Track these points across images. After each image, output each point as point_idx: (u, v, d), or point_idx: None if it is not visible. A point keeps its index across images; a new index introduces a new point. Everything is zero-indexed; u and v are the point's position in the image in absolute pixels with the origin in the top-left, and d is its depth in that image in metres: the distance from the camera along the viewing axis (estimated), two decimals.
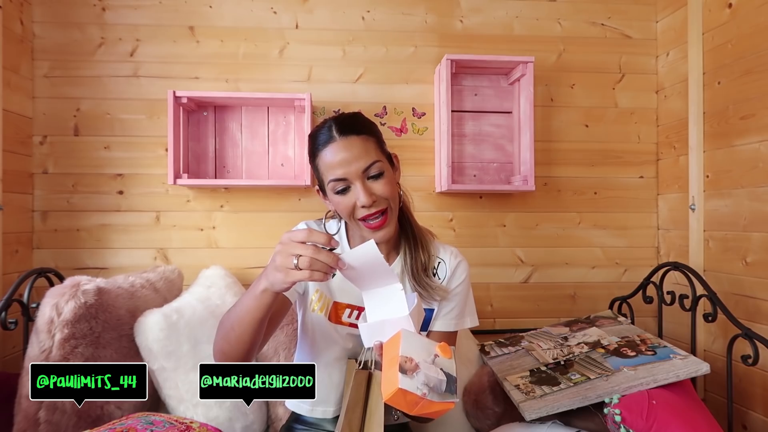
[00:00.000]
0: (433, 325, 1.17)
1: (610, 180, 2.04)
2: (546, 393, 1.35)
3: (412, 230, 1.17)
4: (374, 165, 1.03)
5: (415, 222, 1.19)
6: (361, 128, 1.05)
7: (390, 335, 0.86)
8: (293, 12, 1.93)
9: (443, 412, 0.79)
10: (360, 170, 1.02)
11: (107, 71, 1.87)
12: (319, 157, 1.05)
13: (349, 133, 1.03)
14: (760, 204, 1.56)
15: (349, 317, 1.15)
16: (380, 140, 1.09)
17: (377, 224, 1.05)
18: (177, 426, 1.01)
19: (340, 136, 1.03)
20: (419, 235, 1.17)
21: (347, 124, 1.05)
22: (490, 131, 1.98)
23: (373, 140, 1.06)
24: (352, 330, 1.15)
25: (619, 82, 2.04)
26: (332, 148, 1.03)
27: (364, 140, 1.04)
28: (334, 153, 1.02)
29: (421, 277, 1.12)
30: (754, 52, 1.58)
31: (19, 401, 1.21)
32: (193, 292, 1.63)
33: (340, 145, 1.02)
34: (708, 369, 1.32)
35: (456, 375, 0.81)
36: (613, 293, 1.98)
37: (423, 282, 1.12)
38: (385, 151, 1.10)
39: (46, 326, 1.23)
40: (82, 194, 1.86)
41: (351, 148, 1.02)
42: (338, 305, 1.15)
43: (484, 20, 2.00)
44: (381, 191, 1.03)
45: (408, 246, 1.15)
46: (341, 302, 1.15)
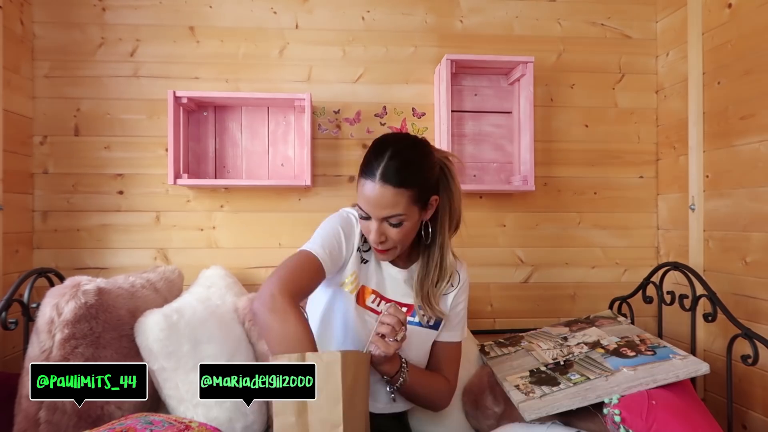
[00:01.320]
0: (440, 337, 1.28)
1: (610, 180, 2.04)
2: (546, 393, 1.35)
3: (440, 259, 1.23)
4: (396, 217, 1.11)
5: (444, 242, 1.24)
6: (400, 182, 1.09)
7: None
8: (293, 12, 1.93)
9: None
10: (380, 216, 1.11)
11: (107, 71, 1.87)
12: (360, 180, 1.14)
13: (387, 182, 1.08)
14: (760, 204, 1.56)
15: (372, 303, 1.22)
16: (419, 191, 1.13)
17: (381, 251, 1.17)
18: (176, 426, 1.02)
19: (379, 179, 1.09)
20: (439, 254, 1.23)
21: (391, 174, 1.09)
22: (490, 131, 1.98)
23: (408, 194, 1.10)
24: (371, 315, 1.21)
25: (619, 82, 2.04)
26: (369, 185, 1.10)
27: (399, 194, 1.09)
28: (367, 190, 1.10)
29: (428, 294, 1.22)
30: (754, 52, 1.58)
31: (20, 401, 1.21)
32: (193, 292, 1.63)
33: (375, 188, 1.09)
34: (708, 369, 1.32)
35: None
36: (613, 293, 1.98)
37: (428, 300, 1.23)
38: (421, 200, 1.14)
39: (46, 326, 1.23)
40: (82, 194, 1.86)
41: (381, 197, 1.09)
42: (365, 289, 1.22)
43: (484, 20, 2.00)
44: (393, 236, 1.13)
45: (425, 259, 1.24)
46: (368, 287, 1.22)
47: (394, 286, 1.24)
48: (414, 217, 1.14)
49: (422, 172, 1.14)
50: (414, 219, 1.14)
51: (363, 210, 1.13)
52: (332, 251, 1.14)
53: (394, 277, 1.25)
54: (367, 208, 1.11)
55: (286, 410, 0.92)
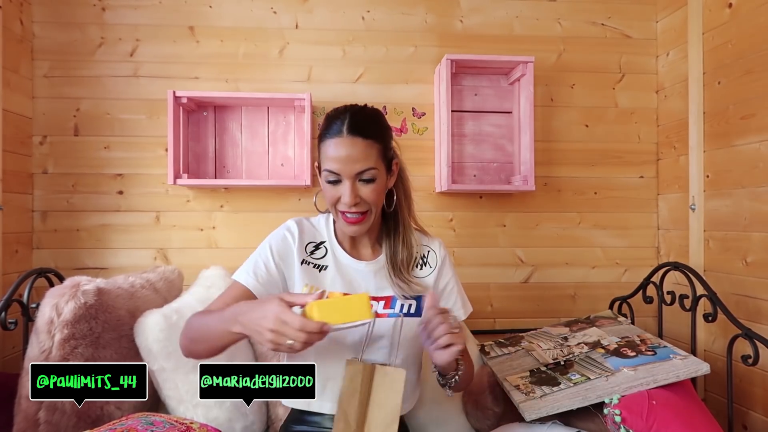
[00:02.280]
0: None
1: (610, 180, 2.04)
2: (546, 393, 1.35)
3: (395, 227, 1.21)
4: (368, 171, 1.07)
5: (405, 220, 1.21)
6: (370, 132, 1.07)
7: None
8: (293, 12, 1.93)
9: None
10: (353, 172, 1.06)
11: (107, 71, 1.87)
12: (324, 143, 1.09)
13: (356, 134, 1.06)
14: (760, 204, 1.56)
15: None
16: (386, 147, 1.12)
17: (353, 220, 1.10)
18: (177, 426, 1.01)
19: (347, 134, 1.06)
20: (403, 232, 1.20)
21: (359, 125, 1.07)
22: (490, 131, 1.98)
23: (377, 147, 1.09)
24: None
25: (619, 82, 2.04)
26: (337, 142, 1.06)
27: (369, 145, 1.07)
28: (336, 147, 1.06)
29: (401, 272, 1.17)
30: (755, 52, 1.58)
31: (19, 401, 1.21)
32: (193, 292, 1.62)
33: (345, 142, 1.06)
34: (708, 369, 1.32)
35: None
36: (613, 293, 1.98)
37: (403, 277, 1.17)
38: (387, 157, 1.13)
39: (46, 326, 1.23)
40: (82, 194, 1.86)
41: (353, 149, 1.05)
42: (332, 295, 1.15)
43: (484, 20, 2.00)
44: (367, 196, 1.08)
45: (389, 242, 1.20)
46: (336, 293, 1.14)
47: (366, 280, 1.18)
48: (383, 175, 1.11)
49: (385, 129, 1.13)
50: (383, 179, 1.11)
51: (332, 171, 1.07)
52: (261, 276, 1.12)
53: (363, 271, 1.18)
54: (338, 166, 1.06)
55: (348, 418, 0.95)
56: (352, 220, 1.10)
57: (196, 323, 1.05)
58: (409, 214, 1.23)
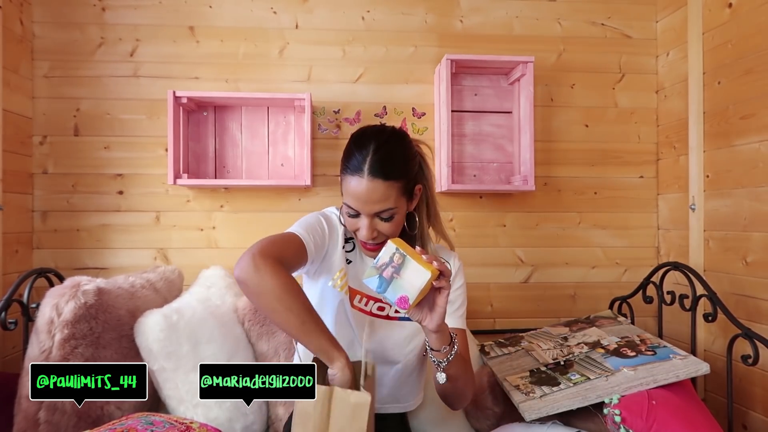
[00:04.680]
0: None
1: (610, 180, 2.04)
2: (546, 393, 1.35)
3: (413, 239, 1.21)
4: (387, 211, 1.09)
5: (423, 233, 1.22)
6: (390, 173, 1.07)
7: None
8: (293, 12, 1.93)
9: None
10: (372, 212, 1.08)
11: (107, 71, 1.87)
12: (344, 176, 1.10)
13: (376, 176, 1.05)
14: (760, 204, 1.56)
15: (359, 303, 1.19)
16: (408, 180, 1.12)
17: (371, 248, 1.14)
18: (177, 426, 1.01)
19: (367, 175, 1.05)
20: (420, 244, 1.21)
21: (379, 167, 1.06)
22: (490, 131, 1.98)
23: (398, 185, 1.08)
24: (360, 315, 1.18)
25: (619, 82, 2.04)
26: (357, 180, 1.06)
27: (389, 186, 1.07)
28: (356, 186, 1.06)
29: None
30: (755, 52, 1.58)
31: (19, 401, 1.21)
32: (193, 292, 1.63)
33: (364, 183, 1.06)
34: (708, 369, 1.32)
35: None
36: (613, 293, 1.98)
37: None
38: (408, 191, 1.13)
39: (46, 326, 1.23)
40: (82, 194, 1.86)
41: (372, 192, 1.06)
42: (352, 290, 1.19)
43: (484, 20, 2.00)
44: (384, 230, 1.11)
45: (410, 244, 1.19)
46: (354, 288, 1.19)
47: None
48: (403, 208, 1.12)
49: (407, 163, 1.12)
50: (403, 211, 1.13)
51: (351, 207, 1.09)
52: (315, 236, 1.12)
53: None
54: (357, 204, 1.08)
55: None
56: (370, 248, 1.15)
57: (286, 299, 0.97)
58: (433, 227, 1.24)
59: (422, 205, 1.22)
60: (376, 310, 1.19)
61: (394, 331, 1.19)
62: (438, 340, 1.04)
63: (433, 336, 1.03)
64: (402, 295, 0.93)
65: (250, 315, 1.57)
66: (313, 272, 1.19)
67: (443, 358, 1.04)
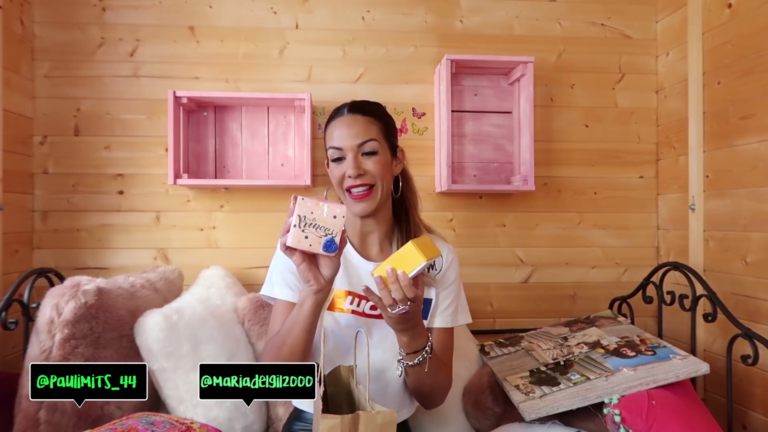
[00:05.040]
0: (432, 323, 1.20)
1: (610, 180, 2.04)
2: (546, 393, 1.35)
3: (407, 224, 1.23)
4: (369, 142, 1.13)
5: (414, 217, 1.24)
6: (369, 111, 1.17)
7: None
8: (293, 12, 1.93)
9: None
10: (355, 144, 1.13)
11: (107, 71, 1.87)
12: (327, 128, 1.19)
13: (356, 112, 1.16)
14: (760, 204, 1.56)
15: (351, 304, 1.17)
16: (387, 128, 1.19)
17: (360, 195, 1.13)
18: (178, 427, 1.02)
19: (348, 113, 1.16)
20: (414, 228, 1.22)
21: (359, 105, 1.18)
22: (490, 131, 1.98)
23: (378, 124, 1.16)
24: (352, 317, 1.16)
25: (619, 82, 2.04)
26: (339, 121, 1.16)
27: (368, 121, 1.15)
28: (338, 125, 1.15)
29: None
30: (754, 52, 1.58)
31: (19, 401, 1.21)
32: (193, 292, 1.63)
33: (345, 119, 1.15)
34: (708, 369, 1.32)
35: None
36: (613, 293, 1.98)
37: None
38: (389, 139, 1.19)
39: (46, 326, 1.23)
40: (82, 194, 1.86)
41: (353, 124, 1.14)
42: (337, 293, 1.17)
43: (484, 20, 2.00)
44: (370, 167, 1.13)
45: (401, 237, 1.22)
46: (340, 290, 1.17)
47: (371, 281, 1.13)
48: (385, 151, 1.16)
49: (387, 115, 1.21)
50: (387, 156, 1.16)
51: (335, 147, 1.14)
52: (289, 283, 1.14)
53: (369, 271, 1.14)
54: (340, 140, 1.13)
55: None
56: (357, 196, 1.13)
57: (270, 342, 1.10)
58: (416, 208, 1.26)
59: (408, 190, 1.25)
60: (368, 309, 1.17)
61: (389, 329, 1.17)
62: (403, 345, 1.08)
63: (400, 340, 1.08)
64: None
65: (250, 315, 1.57)
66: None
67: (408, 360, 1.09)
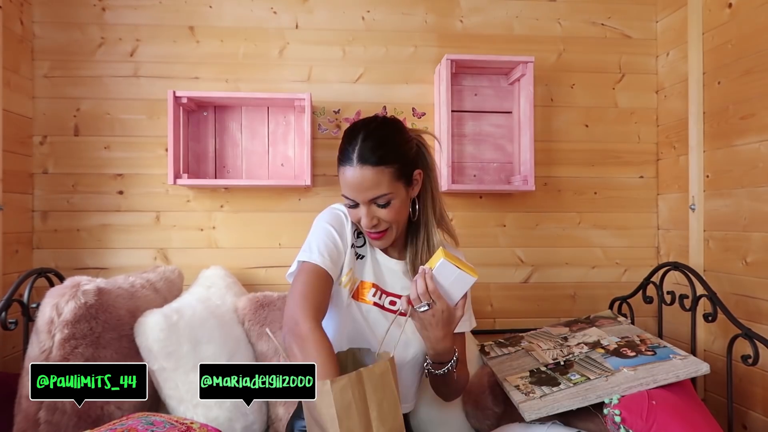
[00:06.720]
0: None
1: (610, 180, 2.04)
2: (546, 393, 1.35)
3: (417, 231, 1.22)
4: (382, 197, 1.10)
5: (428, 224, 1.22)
6: (380, 159, 1.08)
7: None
8: (293, 12, 1.93)
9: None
10: (366, 199, 1.10)
11: (107, 71, 1.87)
12: (339, 168, 1.13)
13: (365, 164, 1.07)
14: (760, 204, 1.56)
15: (374, 296, 1.19)
16: (402, 164, 1.12)
17: (375, 236, 1.15)
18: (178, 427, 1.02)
19: (357, 163, 1.08)
20: (425, 236, 1.22)
21: (367, 154, 1.08)
22: (490, 131, 1.98)
23: (389, 171, 1.09)
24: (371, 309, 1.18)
25: (619, 82, 2.04)
26: (349, 170, 1.09)
27: (379, 172, 1.08)
28: (349, 176, 1.09)
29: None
30: (754, 52, 1.58)
31: (19, 401, 1.21)
32: (193, 292, 1.63)
33: (355, 172, 1.08)
34: (708, 369, 1.32)
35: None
36: (613, 293, 1.98)
37: None
38: (405, 173, 1.13)
39: (46, 326, 1.23)
40: (82, 194, 1.86)
41: (363, 179, 1.08)
42: (364, 284, 1.20)
43: (484, 20, 2.00)
44: (384, 217, 1.12)
45: (413, 245, 1.23)
46: (367, 281, 1.20)
47: (393, 278, 1.22)
48: (401, 194, 1.12)
49: (399, 148, 1.12)
50: (402, 196, 1.13)
51: (349, 197, 1.12)
52: (331, 254, 1.13)
53: (392, 269, 1.22)
54: (352, 193, 1.10)
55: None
56: (374, 236, 1.15)
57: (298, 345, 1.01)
58: (434, 215, 1.23)
59: (426, 193, 1.22)
60: (388, 304, 1.20)
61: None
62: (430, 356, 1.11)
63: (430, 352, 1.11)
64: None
65: (250, 315, 1.57)
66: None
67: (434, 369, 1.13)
